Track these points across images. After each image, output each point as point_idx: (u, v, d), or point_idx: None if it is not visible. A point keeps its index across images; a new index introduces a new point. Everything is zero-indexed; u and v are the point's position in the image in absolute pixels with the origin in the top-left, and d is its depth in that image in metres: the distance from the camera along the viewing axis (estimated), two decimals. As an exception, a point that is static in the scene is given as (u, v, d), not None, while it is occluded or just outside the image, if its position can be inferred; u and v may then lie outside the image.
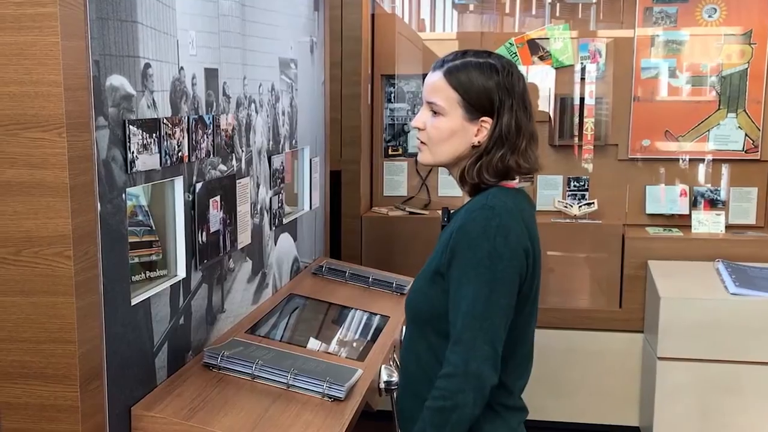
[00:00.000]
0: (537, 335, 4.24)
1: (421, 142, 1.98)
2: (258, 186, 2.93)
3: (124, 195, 2.07)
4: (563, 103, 4.50)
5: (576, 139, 4.49)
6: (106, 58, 1.98)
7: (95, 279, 1.96)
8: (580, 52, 4.48)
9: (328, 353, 2.71)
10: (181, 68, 2.35)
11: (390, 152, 4.65)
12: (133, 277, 2.27)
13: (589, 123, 4.47)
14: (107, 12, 1.97)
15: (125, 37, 2.06)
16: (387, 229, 4.38)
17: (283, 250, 3.21)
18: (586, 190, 4.52)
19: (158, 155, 2.21)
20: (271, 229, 3.07)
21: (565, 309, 4.36)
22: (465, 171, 1.93)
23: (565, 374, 4.33)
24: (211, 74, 2.54)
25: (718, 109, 4.36)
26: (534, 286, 1.91)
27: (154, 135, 2.19)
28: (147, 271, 2.34)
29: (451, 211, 2.00)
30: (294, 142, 3.34)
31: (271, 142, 3.06)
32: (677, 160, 4.42)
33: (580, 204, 4.41)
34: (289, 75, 3.23)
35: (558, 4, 5.08)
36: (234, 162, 2.70)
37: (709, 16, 4.34)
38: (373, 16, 4.54)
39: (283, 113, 3.19)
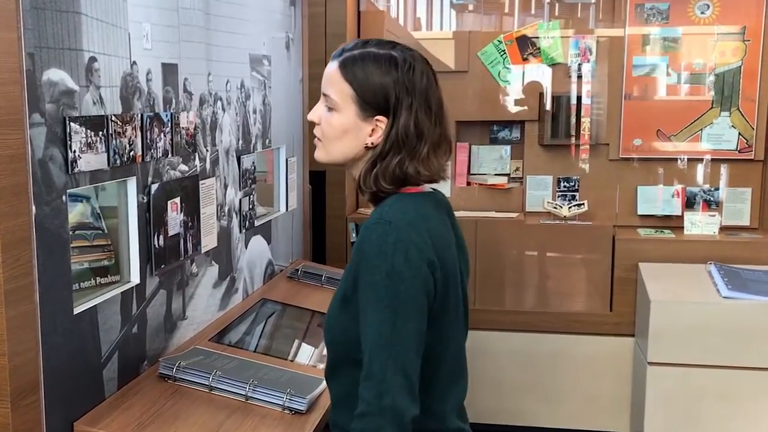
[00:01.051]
0: (526, 339, 4.13)
1: (317, 138, 1.75)
2: (225, 187, 2.77)
3: (64, 197, 1.91)
4: (555, 101, 4.32)
5: (572, 139, 4.29)
6: (43, 50, 1.82)
7: (30, 287, 1.79)
8: (571, 50, 4.30)
9: (297, 362, 2.54)
10: (134, 63, 2.19)
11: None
12: (81, 283, 2.12)
13: (585, 122, 4.29)
14: (43, 2, 1.80)
15: (66, 29, 1.89)
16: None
17: (255, 253, 3.04)
18: (577, 190, 4.34)
19: (106, 154, 2.05)
20: (241, 231, 2.91)
21: (554, 312, 4.18)
22: (361, 179, 1.69)
23: (554, 379, 4.16)
24: (169, 69, 2.37)
25: (711, 107, 4.17)
26: (449, 301, 1.66)
27: (100, 133, 2.02)
28: (98, 277, 2.17)
29: (359, 225, 1.78)
30: (267, 141, 3.17)
31: (240, 142, 2.89)
32: (669, 159, 4.23)
33: (570, 205, 4.23)
34: (262, 72, 3.06)
35: (557, 4, 4.91)
36: (197, 162, 2.54)
37: (702, 13, 4.16)
38: (359, 13, 4.36)
39: (255, 111, 3.02)
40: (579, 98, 4.28)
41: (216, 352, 2.42)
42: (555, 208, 4.24)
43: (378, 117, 1.65)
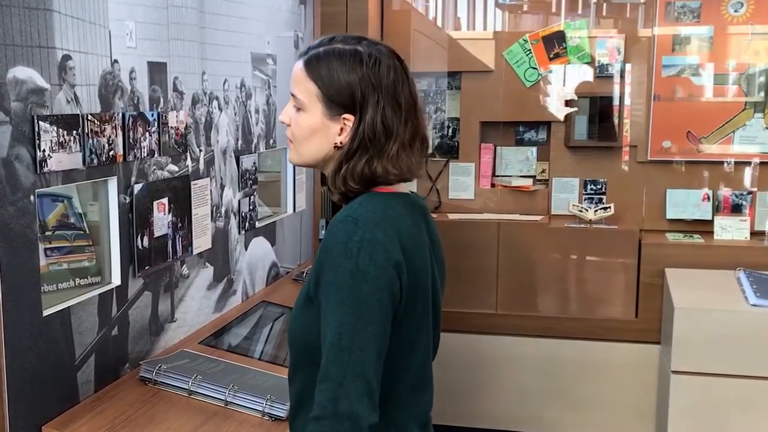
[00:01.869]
0: (549, 345, 4.00)
1: (289, 140, 1.68)
2: (222, 187, 2.71)
3: (32, 197, 1.87)
4: (582, 102, 4.18)
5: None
6: (8, 48, 1.78)
7: (-10, 288, 1.75)
8: (598, 50, 4.16)
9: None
10: (115, 61, 2.14)
11: (400, 153, 4.37)
12: (59, 284, 2.07)
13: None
14: (8, -2, 1.76)
15: (35, 26, 1.85)
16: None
17: (256, 254, 2.98)
18: (604, 193, 4.19)
19: (80, 154, 2.00)
20: (240, 232, 2.85)
21: (578, 318, 4.04)
22: (329, 179, 1.63)
23: (577, 386, 4.02)
24: (156, 68, 2.32)
25: (744, 109, 3.99)
26: (417, 307, 1.57)
27: (74, 132, 1.98)
28: (77, 278, 2.13)
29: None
30: (272, 141, 3.11)
31: (240, 142, 2.83)
32: (700, 162, 4.06)
33: (596, 208, 4.09)
34: (265, 71, 3.00)
35: (604, 4, 4.77)
36: (189, 162, 2.48)
37: (735, 11, 3.99)
38: (382, 12, 4.28)
39: (257, 111, 2.96)
40: (605, 98, 4.13)
41: (203, 356, 2.37)
42: (580, 211, 4.11)
43: (345, 115, 1.57)
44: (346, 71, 1.57)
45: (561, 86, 4.21)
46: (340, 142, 1.59)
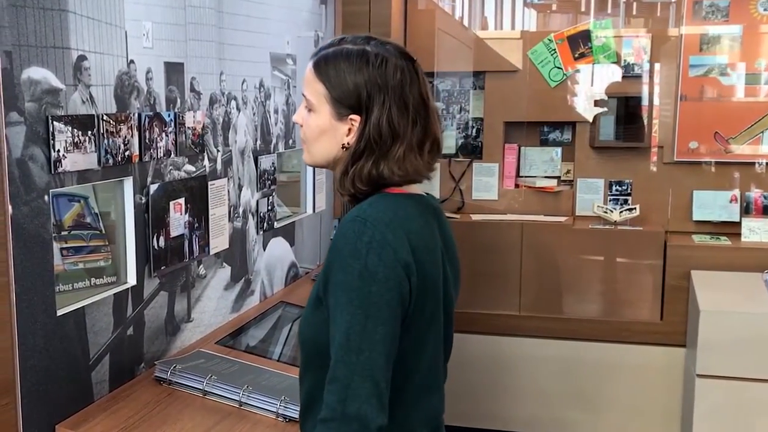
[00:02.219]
0: (572, 347, 3.96)
1: (303, 140, 1.68)
2: (240, 188, 2.71)
3: (47, 196, 1.87)
4: (610, 103, 4.13)
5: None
6: (22, 48, 1.78)
7: (4, 287, 1.76)
8: (624, 49, 4.11)
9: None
10: (131, 61, 2.14)
11: (423, 154, 4.34)
12: (75, 284, 2.08)
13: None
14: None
15: (50, 27, 1.85)
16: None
17: (275, 255, 2.98)
18: (629, 194, 4.14)
19: (95, 154, 2.00)
20: (258, 233, 2.84)
21: (601, 320, 3.99)
22: (337, 181, 1.62)
23: (600, 389, 3.98)
24: (173, 68, 2.32)
25: (773, 108, 3.93)
26: (426, 308, 1.56)
27: (89, 132, 1.98)
28: (93, 278, 2.14)
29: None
30: (291, 141, 3.10)
31: (259, 142, 2.83)
32: (727, 163, 4.00)
33: (621, 209, 4.04)
34: (285, 71, 3.00)
35: (634, 3, 4.73)
36: (206, 162, 2.48)
37: (765, 10, 3.92)
38: (406, 11, 4.26)
39: (276, 111, 2.95)
40: (631, 99, 4.09)
41: (219, 356, 2.36)
42: (605, 212, 4.06)
43: (352, 116, 1.57)
44: (353, 72, 1.56)
45: (586, 86, 4.17)
46: (348, 143, 1.58)
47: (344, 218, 1.53)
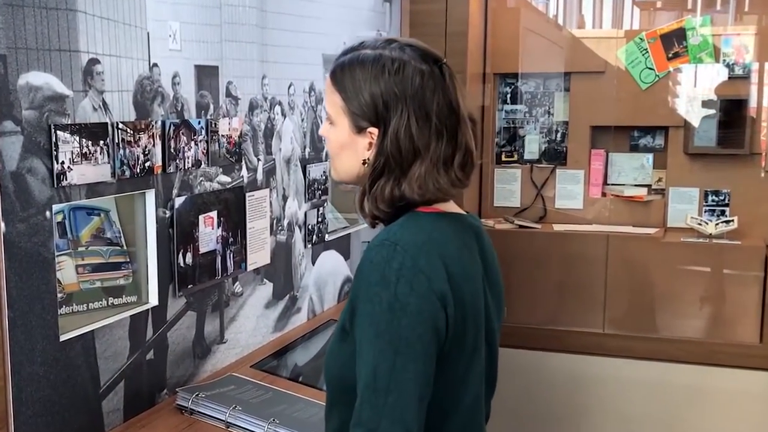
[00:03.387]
0: (660, 369, 3.61)
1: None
2: (285, 199, 2.50)
3: (48, 212, 1.70)
4: (709, 106, 3.76)
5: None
6: (20, 51, 1.61)
7: (-5, 312, 1.59)
8: (724, 48, 3.74)
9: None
10: (154, 65, 1.96)
11: (503, 158, 4.08)
12: (90, 304, 1.92)
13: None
14: (20, -2, 1.60)
15: (53, 28, 1.68)
16: (490, 244, 3.82)
17: (326, 269, 2.76)
18: (726, 205, 3.76)
19: (109, 165, 1.82)
20: (306, 246, 2.63)
21: (694, 341, 3.63)
22: (359, 203, 1.46)
23: (691, 415, 3.62)
24: (205, 72, 2.13)
25: None
26: (466, 343, 1.38)
27: (101, 142, 1.80)
28: (111, 298, 1.97)
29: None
30: (347, 148, 2.88)
31: (308, 149, 2.62)
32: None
33: (717, 221, 3.67)
34: (340, 74, 2.77)
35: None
36: (244, 172, 2.28)
37: None
38: (486, 9, 3.99)
39: (329, 117, 2.73)
40: (731, 101, 3.71)
41: (252, 382, 2.16)
42: (699, 224, 3.70)
43: (370, 129, 1.41)
44: (369, 80, 1.40)
45: (681, 88, 3.81)
46: (368, 159, 1.42)
47: (371, 242, 1.36)
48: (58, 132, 1.70)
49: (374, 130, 1.40)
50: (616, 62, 3.87)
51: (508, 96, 4.07)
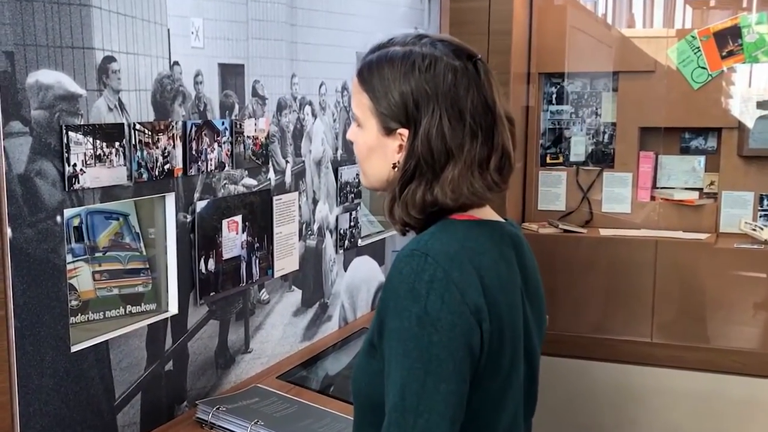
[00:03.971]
0: (712, 380, 3.43)
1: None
2: (315, 202, 2.39)
3: (59, 217, 1.61)
4: (764, 107, 3.56)
5: None
6: (29, 48, 1.52)
7: (1, 322, 1.50)
8: (780, 45, 3.54)
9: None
10: (175, 63, 1.86)
11: (548, 160, 3.92)
12: (107, 312, 1.83)
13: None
14: (29, -8, 1.51)
15: (65, 24, 1.59)
16: (533, 249, 3.62)
17: (359, 276, 2.64)
18: (784, 210, 3.56)
19: (125, 168, 1.73)
20: (337, 252, 2.52)
21: (749, 351, 3.45)
22: (388, 209, 1.35)
23: (742, 430, 3.43)
24: (230, 71, 2.03)
25: None
26: (503, 361, 1.26)
27: (116, 144, 1.71)
28: (129, 305, 1.87)
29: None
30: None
31: (340, 151, 2.50)
32: None
33: (773, 227, 3.48)
34: (375, 73, 2.66)
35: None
36: (271, 175, 2.18)
37: None
38: (531, 6, 3.84)
39: (363, 117, 2.61)
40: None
41: (277, 393, 2.05)
42: (754, 229, 3.51)
43: (400, 130, 1.31)
44: (398, 79, 1.30)
45: (735, 88, 3.62)
46: (398, 162, 1.32)
47: (400, 252, 1.26)
48: (70, 133, 1.61)
49: (404, 132, 1.30)
50: (666, 61, 3.69)
51: (554, 96, 3.91)
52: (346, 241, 2.55)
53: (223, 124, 1.99)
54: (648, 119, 3.73)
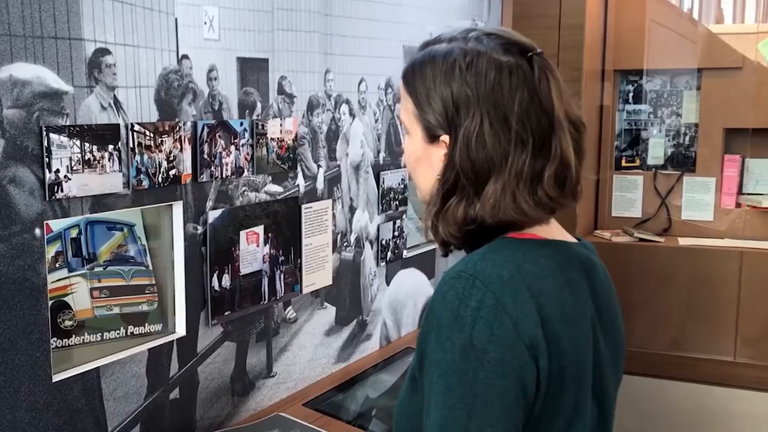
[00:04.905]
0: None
1: None
2: (353, 210, 2.12)
3: (38, 230, 1.39)
4: None
5: None
6: (1, 39, 1.30)
7: (-35, 349, 1.29)
8: None
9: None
10: (183, 57, 1.62)
11: (623, 163, 3.57)
12: (106, 333, 1.60)
13: None
14: (-2, -25, 1.29)
15: (47, 12, 1.37)
16: (606, 259, 3.29)
17: (403, 290, 2.37)
18: None
19: (120, 174, 1.50)
20: (378, 264, 2.24)
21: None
22: (431, 228, 1.16)
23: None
24: (251, 65, 1.78)
25: None
26: (564, 404, 1.06)
27: (110, 147, 1.48)
28: (131, 326, 1.64)
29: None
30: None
31: (382, 154, 2.23)
32: None
33: None
34: (425, 68, 2.37)
35: None
36: (300, 180, 1.92)
37: None
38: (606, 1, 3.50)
39: (411, 117, 2.33)
40: None
41: (301, 424, 1.80)
42: None
43: (444, 137, 1.13)
44: (440, 80, 1.13)
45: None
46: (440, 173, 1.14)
47: (446, 273, 1.09)
48: (52, 135, 1.38)
49: (447, 139, 1.12)
50: (756, 57, 3.29)
51: (630, 95, 3.56)
52: (389, 253, 2.27)
53: (241, 124, 1.74)
54: (734, 120, 3.35)
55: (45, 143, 1.38)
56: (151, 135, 1.55)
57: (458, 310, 1.02)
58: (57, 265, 1.54)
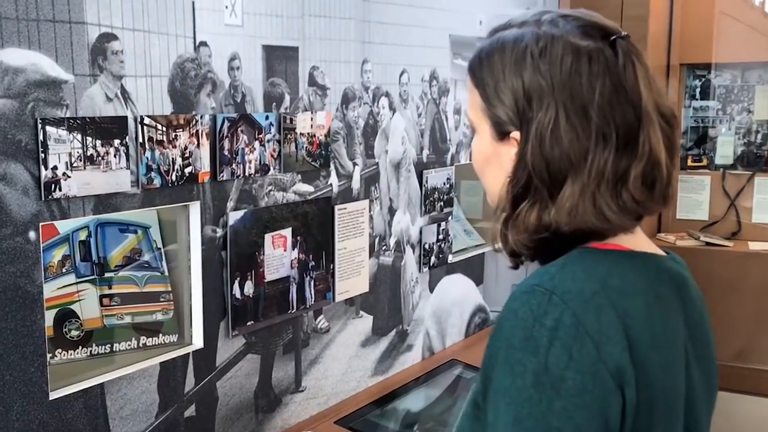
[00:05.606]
0: None
1: None
2: (392, 212, 1.94)
3: (33, 233, 1.24)
4: None
5: None
6: (-10, 21, 1.15)
7: (-52, 364, 1.14)
8: None
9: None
10: (201, 44, 1.45)
11: (689, 163, 3.33)
12: (116, 344, 1.45)
13: None
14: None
15: (45, -7, 1.21)
16: (670, 264, 3.10)
17: (449, 298, 2.17)
18: None
19: (127, 172, 1.34)
20: (421, 270, 2.05)
21: None
22: (500, 236, 1.00)
23: None
24: (279, 54, 1.60)
25: None
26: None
27: (116, 141, 1.32)
28: (144, 337, 1.48)
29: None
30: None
31: (426, 151, 2.04)
32: None
33: None
34: (473, 60, 2.17)
35: None
36: (333, 179, 1.74)
37: None
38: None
39: (458, 112, 2.14)
40: None
41: (331, 444, 1.62)
42: None
43: (514, 133, 0.99)
44: (509, 69, 0.99)
45: None
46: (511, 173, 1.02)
47: (518, 287, 0.96)
48: (48, 128, 1.23)
49: (518, 135, 0.98)
50: None
51: (698, 90, 3.33)
52: (433, 258, 2.08)
53: (267, 118, 1.57)
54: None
55: (40, 137, 1.22)
56: (164, 129, 1.39)
57: (531, 329, 0.89)
58: (63, 270, 1.40)
